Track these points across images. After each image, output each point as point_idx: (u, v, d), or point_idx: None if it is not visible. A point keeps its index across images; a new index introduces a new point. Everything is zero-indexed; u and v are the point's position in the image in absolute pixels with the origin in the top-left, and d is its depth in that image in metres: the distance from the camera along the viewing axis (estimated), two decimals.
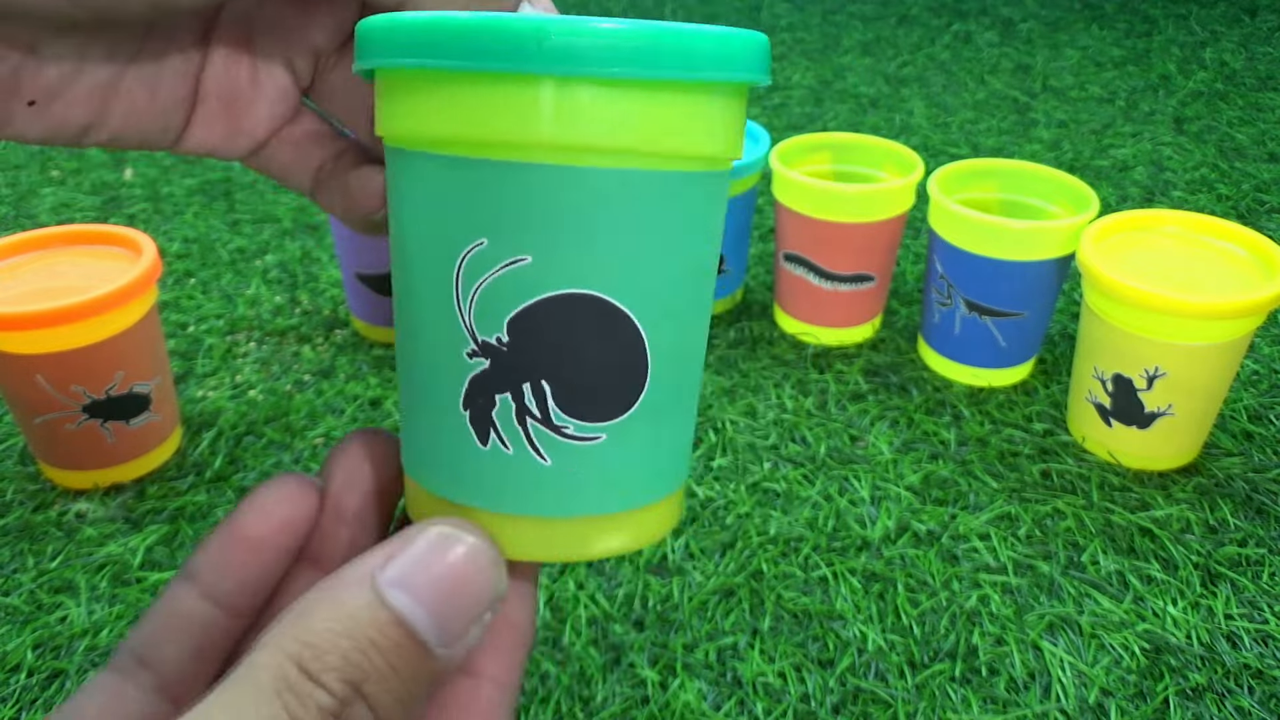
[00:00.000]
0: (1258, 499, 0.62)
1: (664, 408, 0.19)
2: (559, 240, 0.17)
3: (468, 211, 0.17)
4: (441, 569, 0.16)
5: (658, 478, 0.20)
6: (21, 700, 0.51)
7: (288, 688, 0.15)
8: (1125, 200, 1.00)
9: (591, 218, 0.17)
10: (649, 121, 0.17)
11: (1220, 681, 0.51)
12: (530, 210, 0.17)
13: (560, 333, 0.18)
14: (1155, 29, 1.53)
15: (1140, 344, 0.61)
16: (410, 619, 0.16)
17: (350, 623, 0.15)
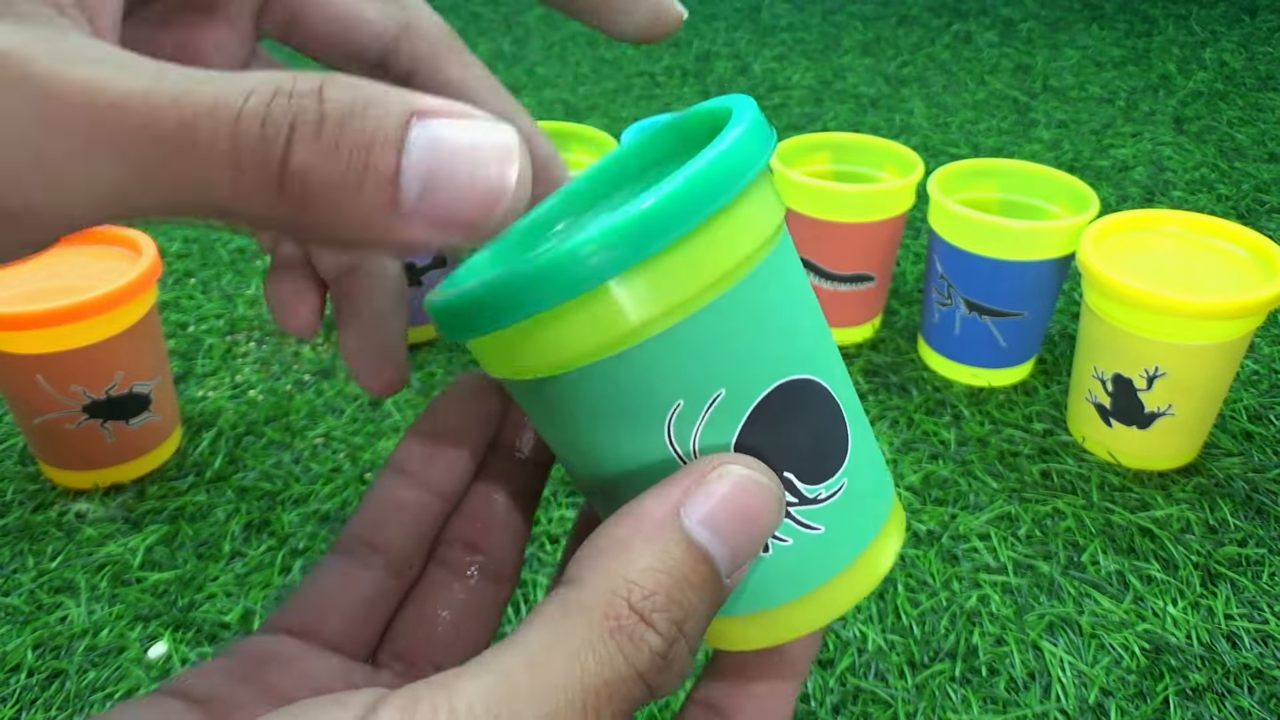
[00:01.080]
0: (1258, 499, 0.62)
1: (859, 431, 0.21)
2: (736, 363, 0.18)
3: (649, 390, 0.18)
4: (740, 507, 0.17)
5: (886, 485, 0.22)
6: (21, 700, 0.51)
7: (619, 628, 0.15)
8: (1125, 200, 1.00)
9: (739, 334, 0.18)
10: (718, 252, 0.18)
11: (1220, 681, 0.51)
12: (698, 359, 0.18)
13: (775, 430, 0.19)
14: (1155, 29, 1.53)
15: (1140, 344, 0.61)
16: (714, 555, 0.17)
17: (669, 562, 0.16)
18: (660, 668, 0.16)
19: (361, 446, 0.67)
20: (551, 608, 0.16)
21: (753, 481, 0.18)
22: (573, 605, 0.16)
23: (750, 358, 0.18)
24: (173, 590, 0.57)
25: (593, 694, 0.15)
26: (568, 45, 1.47)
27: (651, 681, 0.16)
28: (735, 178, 0.18)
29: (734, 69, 1.38)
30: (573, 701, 0.15)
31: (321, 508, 0.62)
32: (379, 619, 0.23)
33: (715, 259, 0.18)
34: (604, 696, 0.15)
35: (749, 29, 1.56)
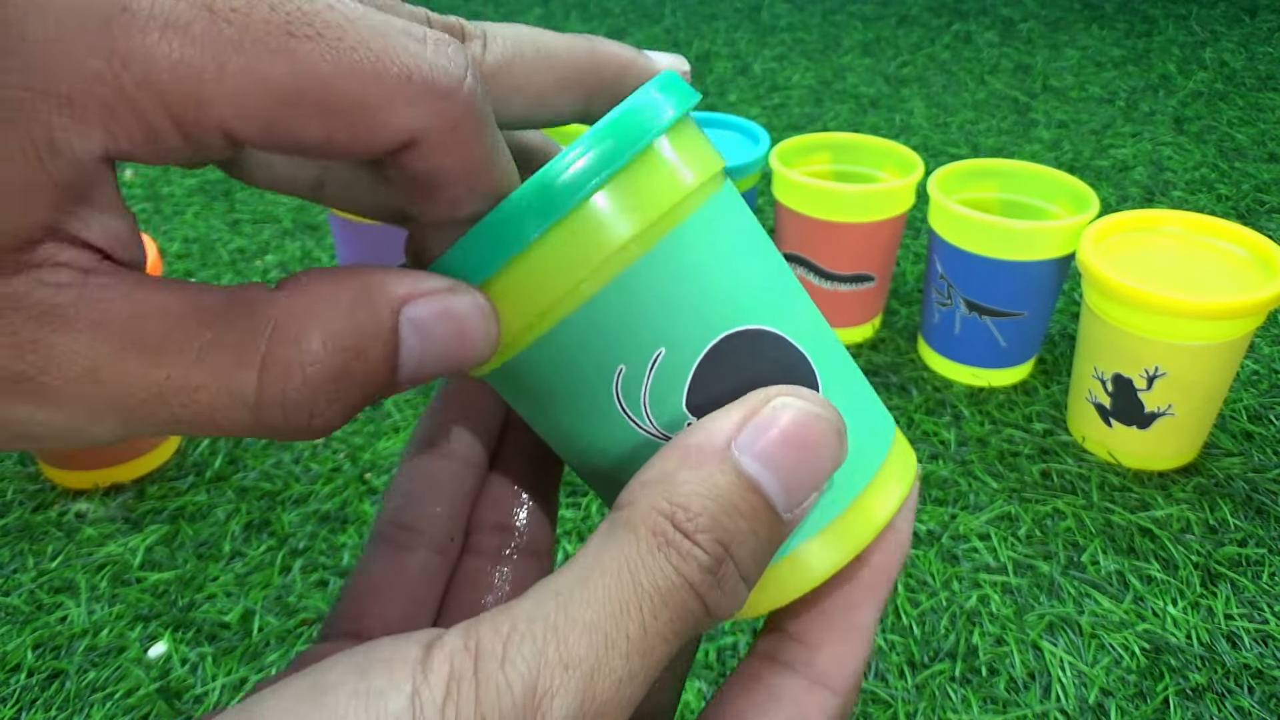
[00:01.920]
0: (1258, 499, 0.62)
1: (835, 378, 0.20)
2: (671, 321, 0.18)
3: (590, 358, 0.19)
4: (794, 440, 0.17)
5: (878, 430, 0.21)
6: (21, 700, 0.51)
7: (666, 542, 0.16)
8: (1125, 200, 1.00)
9: (669, 291, 0.18)
10: (633, 207, 0.18)
11: (1220, 681, 0.51)
12: (631, 320, 0.18)
13: (725, 383, 0.19)
14: (1155, 29, 1.53)
15: (1140, 344, 0.61)
16: (765, 486, 0.17)
17: (714, 487, 0.16)
18: (710, 584, 0.16)
19: (361, 447, 0.67)
20: (599, 532, 0.17)
21: (807, 414, 0.17)
22: (620, 525, 0.16)
23: (686, 314, 0.18)
24: (173, 590, 0.57)
25: (647, 598, 0.16)
26: None
27: (705, 596, 0.16)
28: (637, 132, 0.18)
29: (734, 69, 1.38)
30: (627, 604, 0.15)
31: (321, 508, 0.62)
32: (432, 604, 0.23)
33: (632, 214, 0.18)
34: (658, 601, 0.16)
35: (749, 29, 1.56)
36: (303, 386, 0.15)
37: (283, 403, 0.15)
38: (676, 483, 0.17)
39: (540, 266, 0.18)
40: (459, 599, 0.23)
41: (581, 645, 0.15)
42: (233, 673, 0.52)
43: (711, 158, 0.20)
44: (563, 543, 0.61)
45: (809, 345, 0.20)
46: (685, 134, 0.19)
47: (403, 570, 0.22)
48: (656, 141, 0.19)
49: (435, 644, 0.15)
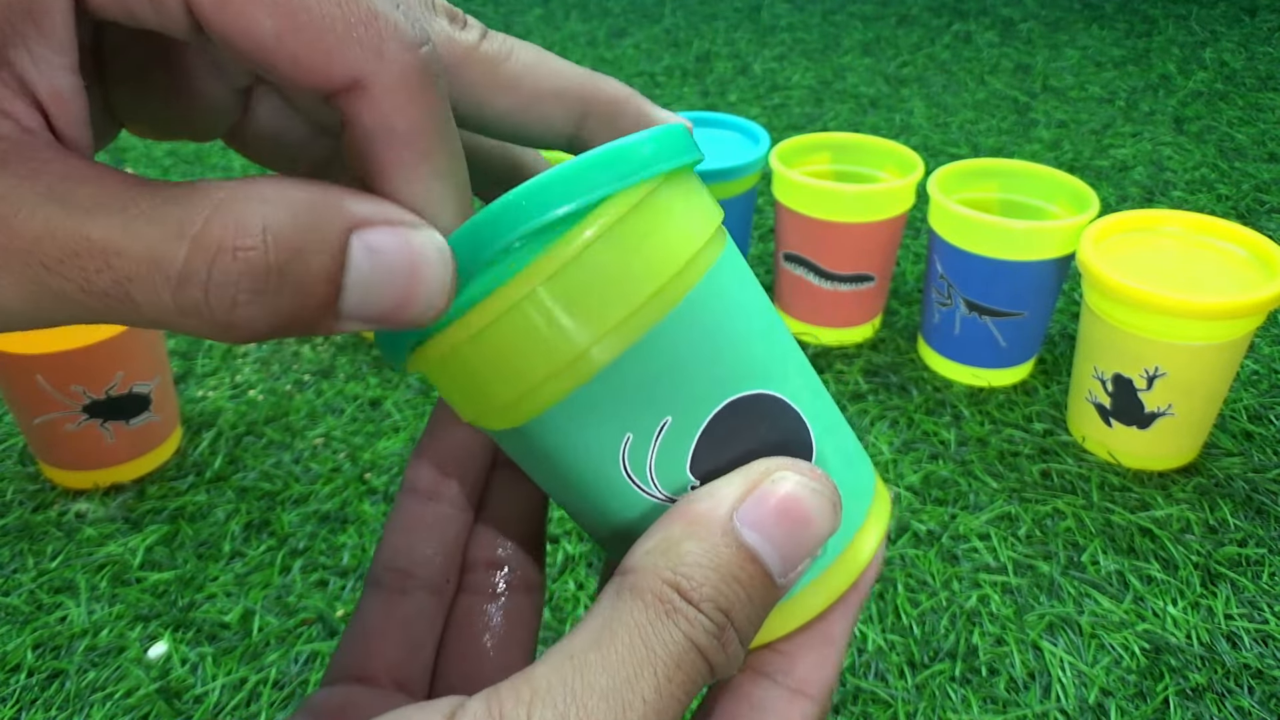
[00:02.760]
0: (1258, 499, 0.62)
1: (825, 434, 0.21)
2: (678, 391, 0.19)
3: (597, 429, 0.19)
4: (791, 513, 0.18)
5: (861, 483, 0.22)
6: (21, 700, 0.51)
7: (674, 609, 0.17)
8: (1125, 200, 1.00)
9: (678, 362, 0.18)
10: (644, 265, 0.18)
11: (1220, 681, 0.51)
12: (640, 392, 0.18)
13: (727, 449, 0.19)
14: (1155, 29, 1.53)
15: (1140, 344, 0.61)
16: (764, 557, 0.18)
17: (716, 558, 0.17)
18: (716, 648, 0.17)
19: (361, 446, 0.67)
20: (606, 597, 0.17)
21: (805, 488, 0.18)
22: (626, 591, 0.17)
23: (697, 381, 0.19)
24: (173, 590, 0.57)
25: (660, 662, 0.16)
26: (568, 45, 1.47)
27: (711, 659, 0.17)
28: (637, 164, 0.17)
29: (734, 69, 1.38)
30: (640, 668, 0.16)
31: (321, 508, 0.62)
32: (430, 645, 0.23)
33: (643, 273, 0.18)
34: (671, 665, 0.16)
35: (749, 29, 1.56)
36: (231, 267, 0.14)
37: (206, 282, 0.14)
38: (681, 553, 0.17)
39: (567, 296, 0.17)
40: (457, 638, 0.24)
41: (600, 711, 0.16)
42: (233, 673, 0.52)
43: (716, 211, 0.20)
44: (561, 543, 0.61)
45: (805, 405, 0.20)
46: (696, 186, 0.19)
47: (400, 613, 0.23)
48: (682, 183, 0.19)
49: (460, 713, 0.16)
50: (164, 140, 0.21)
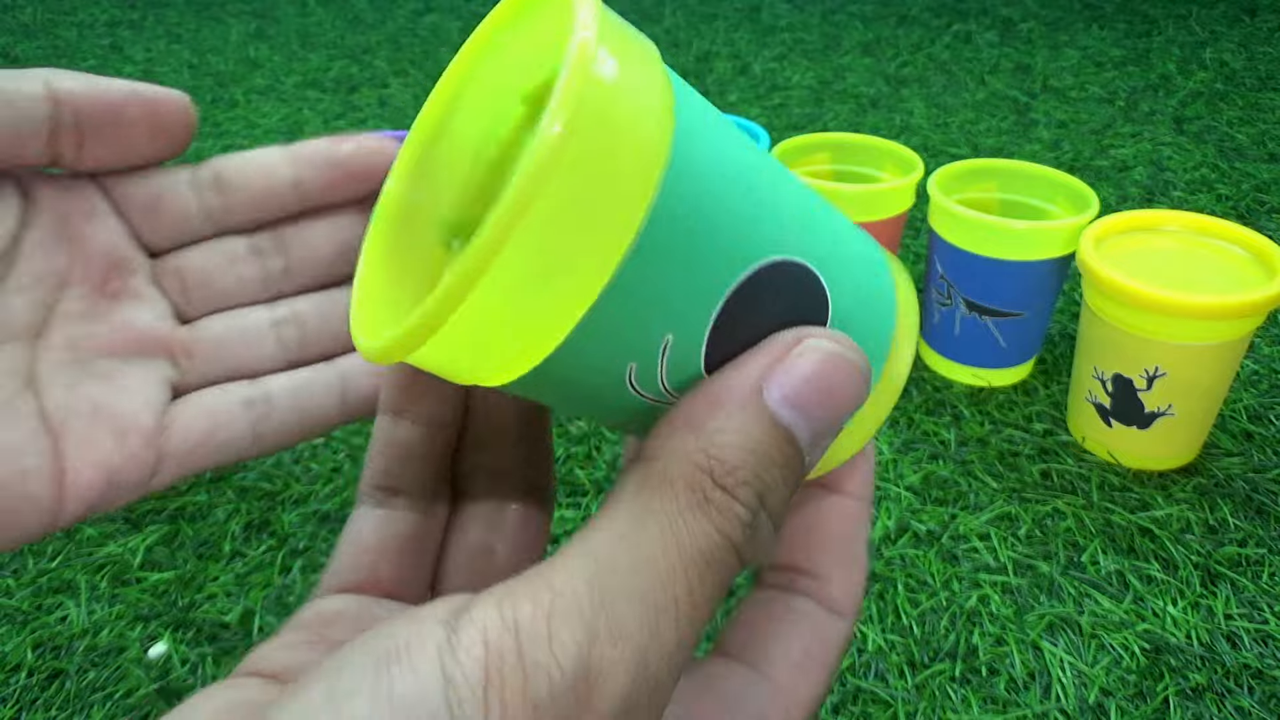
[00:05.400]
0: (1258, 499, 0.62)
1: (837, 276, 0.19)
2: (672, 306, 0.16)
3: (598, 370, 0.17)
4: (823, 384, 0.17)
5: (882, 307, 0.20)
6: (21, 700, 0.51)
7: (706, 499, 0.15)
8: (1125, 200, 1.00)
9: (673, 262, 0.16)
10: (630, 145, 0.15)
11: (1220, 681, 0.51)
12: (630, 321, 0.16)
13: (745, 335, 0.17)
14: (1155, 29, 1.53)
15: (1140, 344, 0.61)
16: (798, 435, 0.16)
17: (750, 438, 0.16)
18: (748, 538, 0.16)
19: (361, 447, 0.67)
20: (630, 486, 0.16)
21: (837, 357, 0.17)
22: (654, 480, 0.16)
23: (689, 290, 0.16)
24: (173, 590, 0.57)
25: (693, 562, 0.15)
26: None
27: (742, 550, 0.16)
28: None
29: (734, 69, 1.38)
30: (673, 570, 0.15)
31: (321, 508, 0.62)
32: (426, 559, 0.22)
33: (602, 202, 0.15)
34: (704, 565, 0.15)
35: (749, 29, 1.56)
36: None
37: None
38: (709, 431, 0.16)
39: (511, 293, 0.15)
40: (457, 549, 0.22)
41: (632, 617, 0.14)
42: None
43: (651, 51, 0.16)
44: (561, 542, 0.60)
45: (811, 252, 0.18)
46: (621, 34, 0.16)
47: (390, 528, 0.22)
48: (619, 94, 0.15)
49: (464, 620, 0.13)
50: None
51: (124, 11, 1.71)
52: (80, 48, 1.52)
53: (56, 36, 1.58)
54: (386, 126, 1.17)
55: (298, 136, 1.14)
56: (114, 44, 1.54)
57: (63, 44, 1.54)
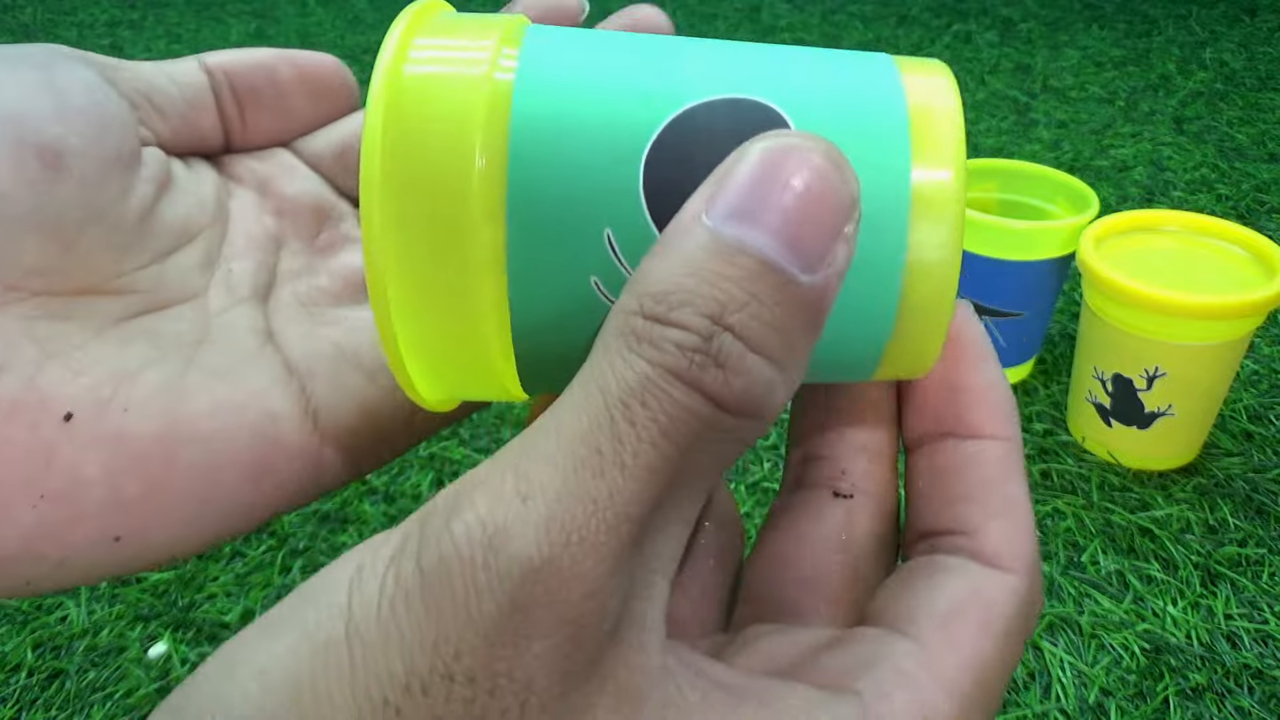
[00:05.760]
0: (1258, 499, 0.62)
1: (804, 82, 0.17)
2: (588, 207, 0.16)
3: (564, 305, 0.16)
4: (771, 181, 0.14)
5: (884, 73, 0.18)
6: (22, 700, 0.51)
7: (636, 338, 0.13)
8: (1125, 200, 1.00)
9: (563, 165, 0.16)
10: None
11: (1220, 681, 0.51)
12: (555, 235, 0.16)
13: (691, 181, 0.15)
14: (1155, 29, 1.53)
15: (1140, 344, 0.61)
16: (755, 246, 0.13)
17: (687, 263, 0.13)
18: (703, 364, 0.13)
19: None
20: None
21: (784, 149, 0.14)
22: (594, 347, 0.14)
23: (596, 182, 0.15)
24: (173, 590, 0.57)
25: (618, 404, 0.13)
26: None
27: (701, 382, 0.13)
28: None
29: None
30: (597, 418, 0.13)
31: (322, 508, 0.62)
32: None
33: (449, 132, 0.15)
34: (634, 403, 0.13)
35: (749, 29, 1.56)
36: None
37: None
38: (645, 275, 0.14)
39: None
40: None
41: (543, 474, 0.13)
42: None
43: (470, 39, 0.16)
44: None
45: (759, 84, 0.16)
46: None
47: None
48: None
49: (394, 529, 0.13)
50: None
51: (124, 11, 1.71)
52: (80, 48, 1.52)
53: (56, 36, 1.58)
54: None
55: None
56: (114, 44, 1.54)
57: (63, 44, 1.54)
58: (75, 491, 0.17)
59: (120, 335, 0.19)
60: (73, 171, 0.19)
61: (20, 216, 0.18)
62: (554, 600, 0.12)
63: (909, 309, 0.16)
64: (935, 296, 0.16)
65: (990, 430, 0.18)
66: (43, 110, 0.19)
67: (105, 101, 0.20)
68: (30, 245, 0.18)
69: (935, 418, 0.19)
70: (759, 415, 0.14)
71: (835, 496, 0.20)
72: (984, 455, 0.18)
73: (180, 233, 0.21)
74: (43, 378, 0.18)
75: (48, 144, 0.18)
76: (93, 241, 0.19)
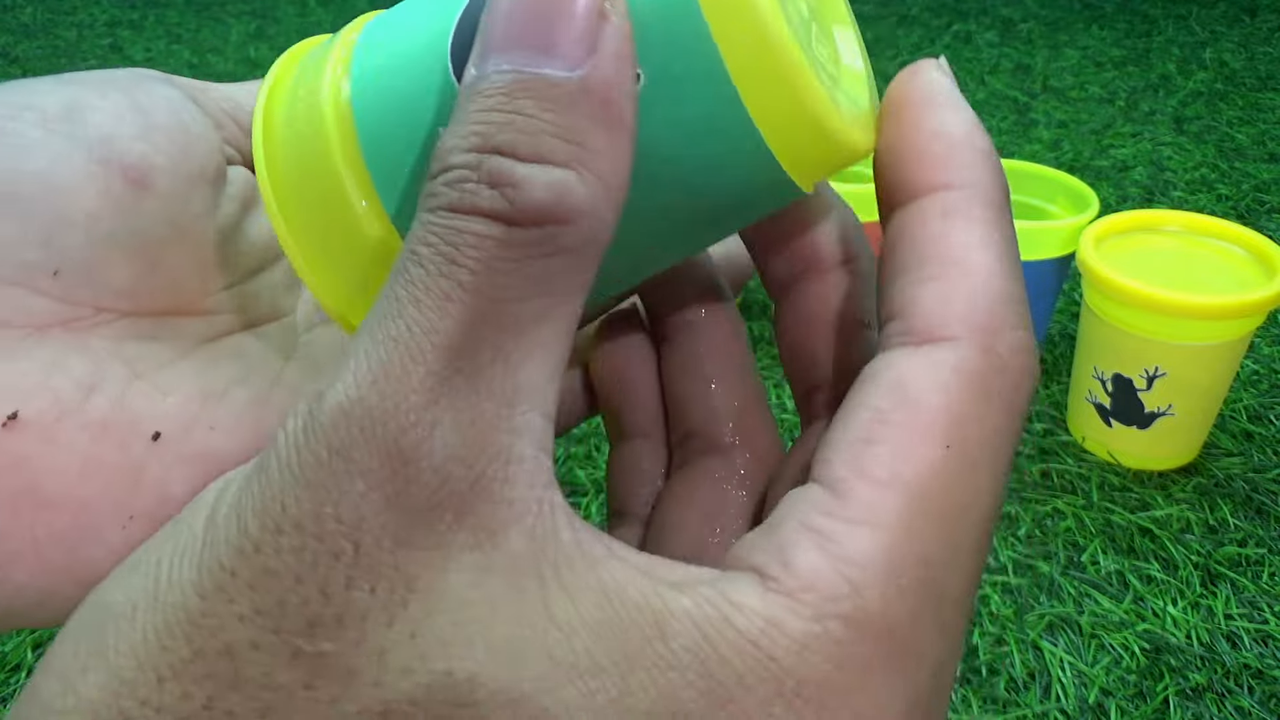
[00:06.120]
0: (1258, 499, 0.63)
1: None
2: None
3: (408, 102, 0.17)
4: (515, 8, 0.13)
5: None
6: None
7: (423, 199, 0.13)
8: (1125, 200, 1.00)
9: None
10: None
11: (1220, 681, 0.51)
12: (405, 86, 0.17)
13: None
14: (1155, 29, 1.53)
15: (1140, 344, 0.61)
16: (501, 69, 0.13)
17: (459, 119, 0.13)
18: (474, 192, 0.13)
19: None
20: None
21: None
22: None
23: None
24: None
25: (409, 253, 0.13)
26: None
27: (481, 208, 0.13)
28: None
29: None
30: (395, 270, 0.13)
31: None
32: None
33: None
34: (420, 245, 0.13)
35: None
36: None
37: None
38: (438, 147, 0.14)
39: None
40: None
41: (354, 342, 0.13)
42: None
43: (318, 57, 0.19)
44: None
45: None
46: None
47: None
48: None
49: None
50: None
51: (124, 11, 1.71)
52: (80, 48, 1.52)
53: (56, 36, 1.58)
54: None
55: None
56: (114, 44, 1.54)
57: (63, 44, 1.54)
58: (163, 511, 0.17)
59: (208, 354, 0.20)
60: (158, 189, 0.19)
61: (107, 236, 0.18)
62: (370, 438, 0.12)
63: (751, 90, 0.14)
64: (770, 62, 0.14)
65: (929, 183, 0.15)
66: (129, 130, 0.19)
67: (190, 120, 0.20)
68: (118, 265, 0.18)
69: (885, 195, 0.16)
70: (561, 220, 0.13)
71: (716, 454, 0.19)
72: (916, 214, 0.15)
73: (266, 251, 0.21)
74: (132, 397, 0.18)
75: (133, 163, 0.18)
76: (178, 260, 0.19)
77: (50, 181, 0.18)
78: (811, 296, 0.18)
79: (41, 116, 0.18)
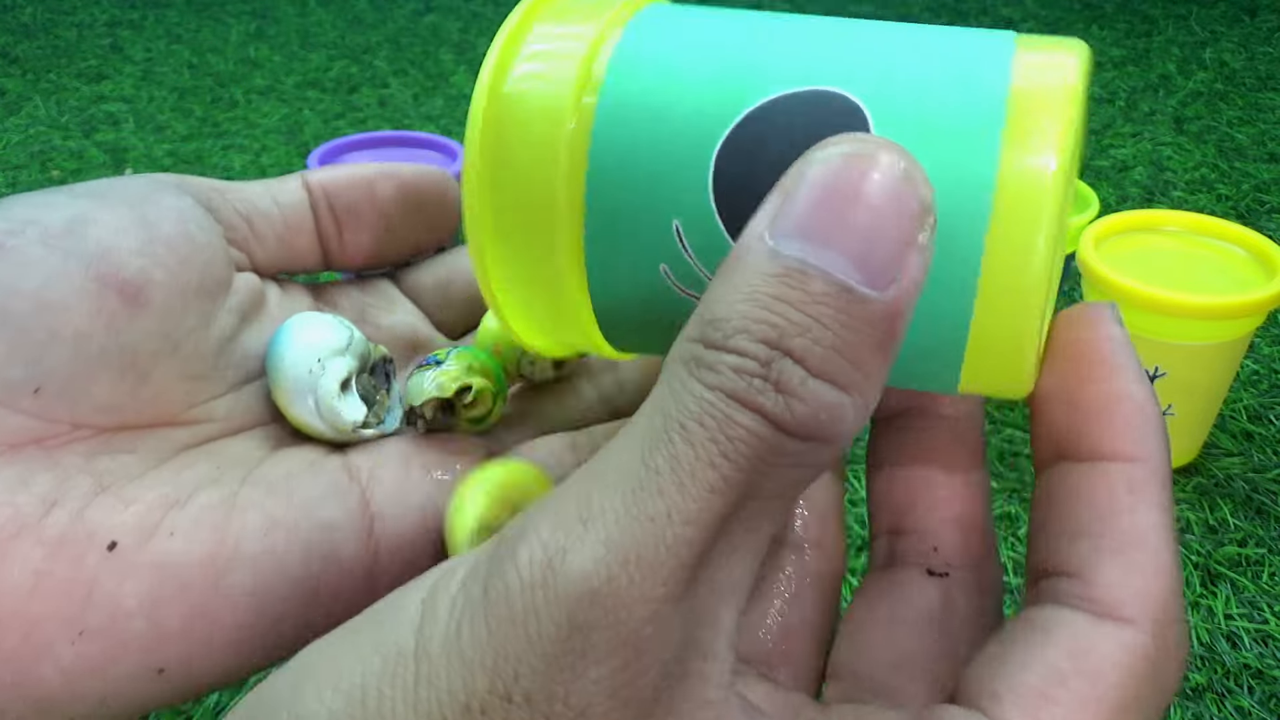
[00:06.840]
0: (1258, 499, 0.63)
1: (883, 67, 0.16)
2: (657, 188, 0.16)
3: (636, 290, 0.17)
4: (833, 195, 0.13)
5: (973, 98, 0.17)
6: None
7: (697, 364, 0.13)
8: (1125, 200, 1.00)
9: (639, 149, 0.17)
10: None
11: (1220, 681, 0.51)
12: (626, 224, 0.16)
13: (762, 182, 0.15)
14: (1155, 29, 1.53)
15: (1140, 344, 0.61)
16: (817, 265, 0.13)
17: (746, 288, 0.13)
18: (760, 389, 0.13)
19: None
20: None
21: (841, 161, 0.13)
22: (660, 378, 0.14)
23: (668, 166, 0.16)
24: None
25: (676, 426, 0.13)
26: None
27: (761, 405, 0.13)
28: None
29: None
30: (654, 441, 0.13)
31: None
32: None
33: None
34: (692, 425, 0.13)
35: None
36: None
37: None
38: (706, 301, 0.13)
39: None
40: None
41: (603, 497, 0.13)
42: None
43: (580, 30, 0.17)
44: None
45: (844, 73, 0.15)
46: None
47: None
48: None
49: (453, 570, 0.14)
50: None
51: (124, 11, 1.71)
52: (80, 48, 1.52)
53: (56, 36, 1.58)
54: (386, 126, 1.17)
55: (298, 136, 1.14)
56: (114, 44, 1.54)
57: (63, 44, 1.54)
58: (115, 625, 0.17)
59: (183, 461, 0.19)
60: (153, 304, 0.19)
61: (97, 353, 0.18)
62: (613, 622, 0.12)
63: (986, 319, 0.15)
64: (1013, 305, 0.15)
65: (1113, 449, 0.16)
66: (130, 243, 0.19)
67: (195, 231, 0.20)
68: (103, 381, 0.18)
69: (1053, 439, 0.17)
70: (827, 440, 0.13)
71: (929, 575, 0.18)
72: (1102, 479, 0.16)
73: (261, 361, 0.21)
74: (92, 510, 0.17)
75: (130, 277, 0.18)
76: (166, 374, 0.19)
77: (44, 299, 0.18)
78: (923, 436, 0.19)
79: (43, 233, 0.18)
